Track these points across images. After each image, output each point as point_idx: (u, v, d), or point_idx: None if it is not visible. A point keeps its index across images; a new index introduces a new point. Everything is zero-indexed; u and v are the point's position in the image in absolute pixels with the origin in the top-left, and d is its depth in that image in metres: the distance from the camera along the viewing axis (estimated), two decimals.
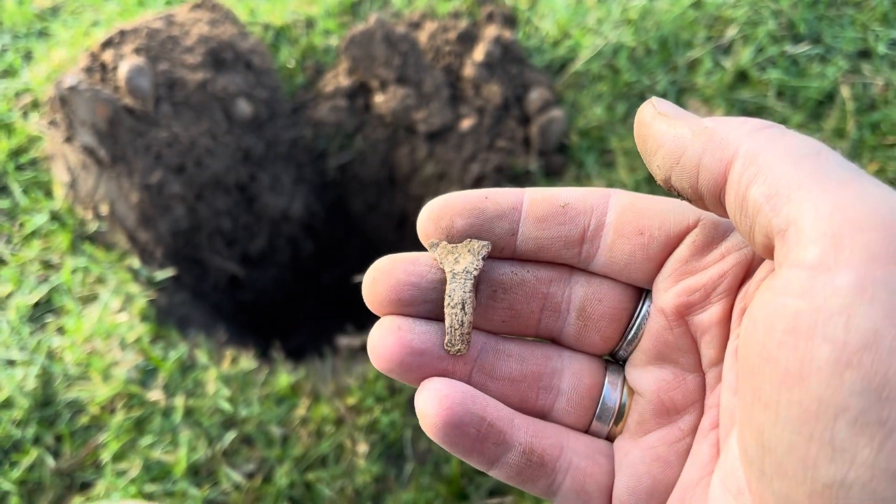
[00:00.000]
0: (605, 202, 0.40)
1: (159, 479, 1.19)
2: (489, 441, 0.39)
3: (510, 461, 0.39)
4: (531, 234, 0.40)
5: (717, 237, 0.38)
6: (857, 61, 1.68)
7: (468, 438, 0.38)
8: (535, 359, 0.42)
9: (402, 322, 0.40)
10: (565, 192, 0.40)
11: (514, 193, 0.40)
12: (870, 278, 0.26)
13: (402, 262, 0.40)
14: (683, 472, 0.39)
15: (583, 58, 1.69)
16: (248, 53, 1.57)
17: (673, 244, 0.39)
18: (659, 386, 0.41)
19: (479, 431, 0.38)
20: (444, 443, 0.38)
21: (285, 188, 1.64)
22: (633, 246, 0.39)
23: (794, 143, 0.32)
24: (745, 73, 1.67)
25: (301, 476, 1.22)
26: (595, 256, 0.41)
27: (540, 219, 0.40)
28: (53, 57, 1.68)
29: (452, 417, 0.38)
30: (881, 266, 0.26)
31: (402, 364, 0.39)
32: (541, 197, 0.40)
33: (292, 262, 1.77)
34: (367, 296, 0.40)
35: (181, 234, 1.50)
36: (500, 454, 0.39)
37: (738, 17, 1.73)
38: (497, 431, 0.39)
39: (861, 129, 1.58)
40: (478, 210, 0.40)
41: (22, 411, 1.21)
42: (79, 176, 1.43)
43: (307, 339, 1.72)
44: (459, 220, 0.40)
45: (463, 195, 0.40)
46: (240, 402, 1.27)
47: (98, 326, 1.30)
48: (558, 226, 0.40)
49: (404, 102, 1.54)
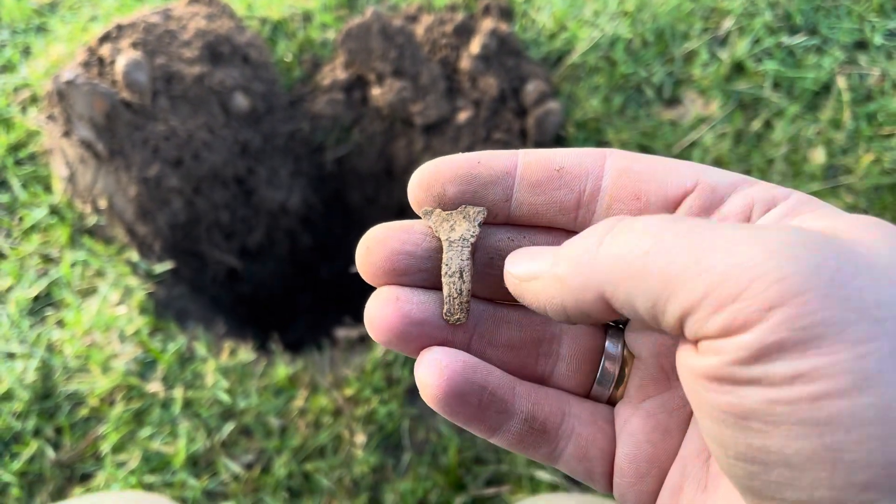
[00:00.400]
0: (601, 164, 0.38)
1: (158, 470, 1.20)
2: (491, 409, 0.38)
3: (512, 429, 0.39)
4: (525, 200, 0.39)
5: (715, 202, 0.36)
6: (853, 52, 1.68)
7: (470, 408, 0.38)
8: (533, 325, 0.41)
9: (401, 292, 0.39)
10: (560, 154, 0.39)
11: (507, 157, 0.39)
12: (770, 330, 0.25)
13: (396, 231, 0.39)
14: (684, 442, 0.39)
15: (579, 50, 1.69)
16: (245, 47, 1.58)
17: (670, 209, 0.37)
18: (658, 350, 0.40)
19: (481, 401, 0.38)
20: (445, 413, 0.38)
21: (283, 181, 1.65)
22: (629, 211, 0.38)
23: (638, 239, 0.30)
24: (741, 65, 1.67)
25: (299, 466, 1.22)
26: (591, 221, 0.39)
27: (534, 184, 0.39)
28: (52, 52, 1.69)
29: (454, 387, 0.37)
30: (773, 313, 0.25)
31: (401, 335, 0.39)
32: (534, 160, 0.39)
33: (290, 254, 1.77)
34: (362, 266, 0.40)
35: (179, 227, 1.51)
36: (502, 422, 0.39)
37: (735, 8, 1.73)
38: (499, 400, 0.38)
39: (857, 120, 1.58)
40: (470, 176, 0.39)
41: (22, 403, 1.22)
42: (77, 170, 1.44)
43: (305, 331, 1.72)
44: (451, 188, 0.39)
45: (453, 160, 0.39)
46: (238, 393, 1.27)
47: (97, 319, 1.31)
48: (553, 191, 0.39)
49: (401, 95, 1.54)
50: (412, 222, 0.40)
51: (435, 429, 1.28)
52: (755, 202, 0.35)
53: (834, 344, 0.24)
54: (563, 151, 0.39)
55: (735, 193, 0.36)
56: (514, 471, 1.24)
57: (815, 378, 0.24)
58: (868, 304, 0.24)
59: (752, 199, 0.35)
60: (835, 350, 0.24)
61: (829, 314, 0.24)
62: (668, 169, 0.37)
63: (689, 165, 0.37)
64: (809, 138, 1.56)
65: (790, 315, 0.24)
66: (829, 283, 0.24)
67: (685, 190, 0.36)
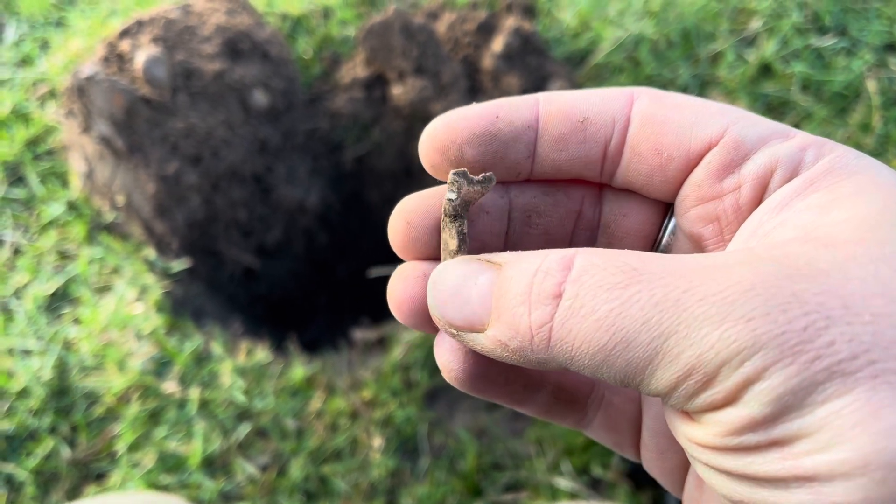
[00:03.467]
0: (627, 112, 0.35)
1: (174, 470, 1.18)
2: (517, 384, 0.37)
3: (539, 400, 0.38)
4: (549, 157, 0.36)
5: (737, 160, 0.33)
6: (883, 55, 1.65)
7: (495, 386, 0.36)
8: None
9: (427, 268, 0.36)
10: (584, 101, 0.35)
11: (527, 107, 0.35)
12: None
13: (432, 198, 0.37)
14: None
15: (603, 50, 1.67)
16: (264, 44, 1.56)
17: (693, 163, 0.34)
18: None
19: (507, 377, 0.36)
20: (469, 391, 0.36)
21: (301, 180, 1.63)
22: (650, 167, 0.35)
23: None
24: (768, 66, 1.64)
25: (316, 469, 1.21)
26: (615, 174, 0.37)
27: (557, 139, 0.35)
28: (70, 46, 1.68)
29: (477, 369, 0.35)
30: None
31: (424, 315, 0.35)
32: (557, 110, 0.35)
33: (308, 253, 1.76)
34: (398, 238, 0.37)
35: (197, 224, 1.49)
36: (529, 395, 0.38)
37: (763, 8, 1.70)
38: (524, 375, 0.37)
39: (887, 125, 1.54)
40: (489, 135, 0.35)
41: (38, 401, 1.21)
42: (95, 166, 1.43)
43: (322, 331, 1.71)
44: (469, 150, 0.35)
45: (468, 116, 0.35)
46: (255, 394, 1.26)
47: (114, 317, 1.30)
48: (578, 145, 0.35)
49: (422, 94, 1.52)
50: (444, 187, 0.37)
51: (453, 433, 1.26)
52: (778, 165, 0.32)
53: (804, 409, 0.24)
54: (587, 97, 0.36)
55: (761, 150, 0.33)
56: (532, 477, 1.22)
57: (793, 441, 0.25)
58: (841, 357, 0.24)
59: (776, 162, 0.32)
60: (804, 414, 0.24)
61: (796, 382, 0.24)
62: (696, 116, 0.34)
63: (720, 111, 0.34)
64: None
65: (762, 389, 0.24)
66: (796, 351, 0.24)
67: (709, 142, 0.33)
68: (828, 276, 0.25)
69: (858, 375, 0.23)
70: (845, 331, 0.24)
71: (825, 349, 0.24)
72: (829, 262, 0.26)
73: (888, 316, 0.24)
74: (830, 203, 0.29)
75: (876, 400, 0.23)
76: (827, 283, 0.25)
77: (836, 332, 0.24)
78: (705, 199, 0.34)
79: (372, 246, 1.77)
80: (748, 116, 0.34)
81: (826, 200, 0.30)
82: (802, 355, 0.24)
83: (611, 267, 0.27)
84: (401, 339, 1.35)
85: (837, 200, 0.29)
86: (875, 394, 0.23)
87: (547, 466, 1.23)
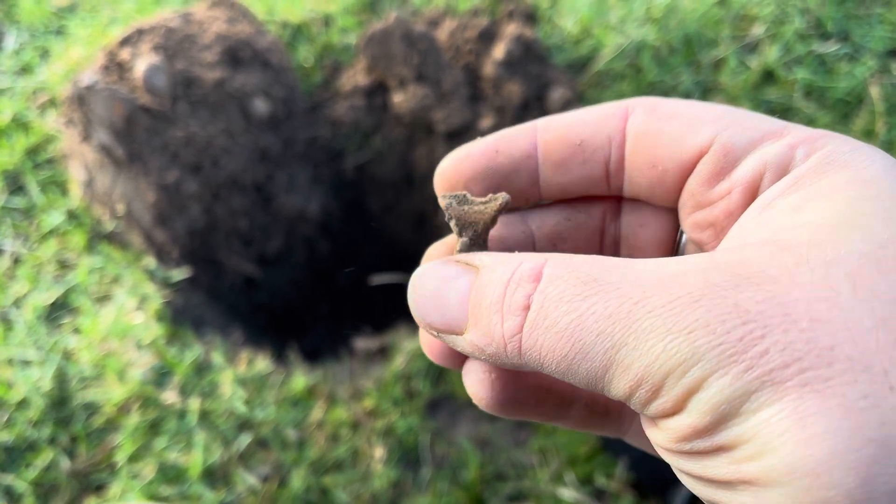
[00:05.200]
0: (622, 127, 0.36)
1: (174, 481, 1.17)
2: (549, 404, 0.38)
3: (573, 415, 0.39)
4: (553, 181, 0.38)
5: (727, 166, 0.34)
6: (886, 60, 1.64)
7: (527, 408, 0.37)
8: None
9: None
10: (579, 122, 0.37)
11: (525, 137, 0.37)
12: None
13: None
14: None
15: (605, 56, 1.66)
16: (265, 52, 1.56)
17: (687, 172, 0.35)
18: None
19: (538, 398, 0.37)
20: (502, 415, 0.38)
21: (302, 188, 1.62)
22: (649, 180, 0.36)
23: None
24: (771, 73, 1.63)
25: (317, 480, 1.20)
26: (623, 187, 0.38)
27: (558, 164, 0.37)
28: (70, 55, 1.68)
29: (506, 395, 0.36)
30: None
31: (449, 356, 0.38)
32: (554, 137, 0.37)
33: (309, 262, 1.75)
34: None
35: (197, 233, 1.49)
36: (563, 412, 0.38)
37: (765, 15, 1.69)
38: (556, 394, 0.38)
39: (891, 130, 1.54)
40: (491, 170, 0.37)
41: (38, 411, 1.20)
42: (95, 175, 1.42)
43: (323, 340, 1.70)
44: (475, 186, 0.38)
45: (470, 154, 0.38)
46: (255, 404, 1.25)
47: (114, 327, 1.29)
48: (579, 166, 0.37)
49: (423, 101, 1.52)
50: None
51: (455, 443, 1.25)
52: (767, 168, 0.32)
53: (740, 417, 0.25)
54: (582, 118, 0.37)
55: (751, 154, 0.33)
56: (536, 487, 1.21)
57: (734, 447, 0.25)
58: (772, 366, 0.24)
59: (764, 165, 0.32)
60: (741, 422, 0.25)
61: (730, 391, 0.24)
62: (687, 126, 0.35)
63: (714, 118, 0.34)
64: None
65: (701, 399, 0.25)
66: (731, 361, 0.24)
67: (700, 151, 0.34)
68: (775, 283, 0.25)
69: (788, 384, 0.24)
70: (780, 339, 0.24)
71: (758, 359, 0.24)
72: (780, 266, 0.26)
73: (827, 322, 0.24)
74: (804, 202, 0.30)
75: (802, 408, 0.23)
76: (772, 290, 0.25)
77: (771, 340, 0.24)
78: (701, 205, 0.35)
79: (373, 254, 1.77)
80: (741, 120, 0.34)
81: (802, 199, 0.30)
82: (736, 365, 0.24)
83: (572, 278, 0.28)
84: (402, 349, 1.34)
85: (810, 199, 0.29)
86: (802, 402, 0.23)
87: (550, 476, 1.22)
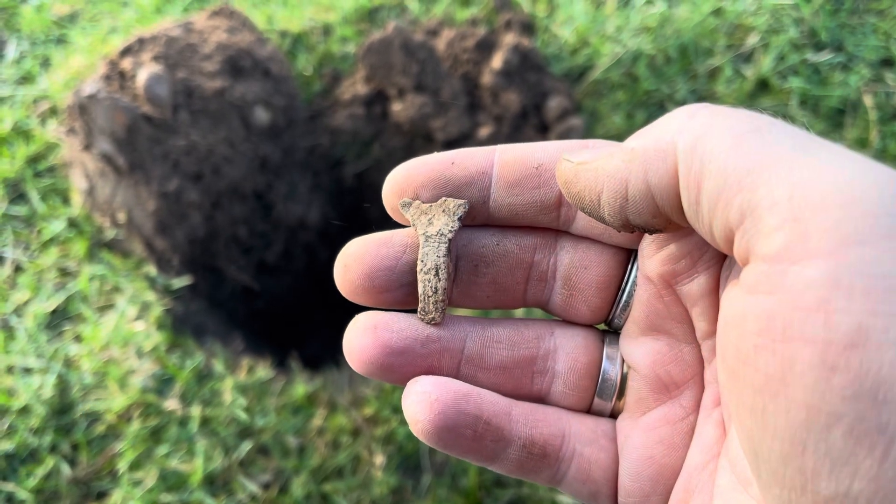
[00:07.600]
0: None
1: (175, 489, 1.18)
2: (487, 439, 0.36)
3: (510, 456, 0.37)
4: (504, 201, 0.37)
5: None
6: (879, 70, 1.66)
7: (464, 440, 0.36)
8: (525, 342, 0.39)
9: (379, 320, 0.37)
10: (540, 149, 0.37)
11: (483, 156, 0.37)
12: (844, 266, 0.23)
13: (373, 245, 0.38)
14: (688, 455, 0.37)
15: (602, 66, 1.68)
16: (265, 61, 1.57)
17: None
18: (654, 359, 0.38)
19: (476, 431, 0.36)
20: (438, 446, 0.36)
21: (302, 196, 1.63)
22: None
23: (732, 123, 0.28)
24: (766, 82, 1.65)
25: (317, 487, 1.21)
26: (574, 220, 0.37)
27: (512, 184, 0.37)
28: (71, 64, 1.69)
29: (445, 421, 0.35)
30: (853, 249, 0.23)
31: (382, 366, 0.36)
32: (512, 158, 0.37)
33: (308, 270, 1.76)
34: (340, 283, 0.38)
35: (198, 242, 1.50)
36: (500, 450, 0.37)
37: (759, 24, 1.71)
38: (494, 428, 0.36)
39: (885, 139, 1.55)
40: (444, 179, 0.37)
41: (39, 419, 1.21)
42: (97, 183, 1.43)
43: (323, 347, 1.71)
44: (424, 192, 0.37)
45: (426, 162, 0.37)
46: (256, 411, 1.26)
47: (115, 334, 1.30)
48: (532, 190, 0.36)
49: (422, 110, 1.53)
50: (391, 233, 0.38)
51: None
52: None
53: None
54: (543, 146, 0.37)
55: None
56: (535, 493, 1.21)
57: None
58: None
59: None
60: None
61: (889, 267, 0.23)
62: None
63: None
64: None
65: (859, 256, 0.23)
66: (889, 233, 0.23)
67: None
68: None
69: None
70: None
71: None
72: None
73: None
74: None
75: None
76: None
77: None
78: (674, 237, 0.34)
79: None
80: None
81: None
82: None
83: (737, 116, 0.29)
84: None
85: None
86: None
87: None
